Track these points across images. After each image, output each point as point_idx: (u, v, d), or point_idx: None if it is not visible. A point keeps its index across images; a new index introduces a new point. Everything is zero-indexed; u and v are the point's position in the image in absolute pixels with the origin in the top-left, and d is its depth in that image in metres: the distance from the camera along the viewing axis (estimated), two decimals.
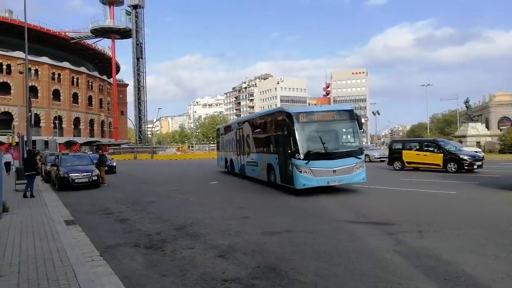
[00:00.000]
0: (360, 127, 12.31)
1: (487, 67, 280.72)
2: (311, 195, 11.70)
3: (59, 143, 49.60)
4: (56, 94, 63.00)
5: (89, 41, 75.94)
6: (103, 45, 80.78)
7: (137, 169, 32.16)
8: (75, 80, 67.07)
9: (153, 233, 7.41)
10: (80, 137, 66.82)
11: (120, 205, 11.45)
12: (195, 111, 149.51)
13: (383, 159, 28.22)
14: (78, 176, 16.01)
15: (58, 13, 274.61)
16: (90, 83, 71.51)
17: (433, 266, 5.01)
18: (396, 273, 4.78)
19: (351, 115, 12.34)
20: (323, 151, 11.51)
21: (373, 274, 4.77)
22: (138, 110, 76.47)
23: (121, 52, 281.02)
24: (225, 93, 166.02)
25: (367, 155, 26.06)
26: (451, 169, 18.52)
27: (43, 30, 63.06)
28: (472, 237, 6.52)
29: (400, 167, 20.98)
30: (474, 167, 18.34)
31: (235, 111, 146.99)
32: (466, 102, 40.09)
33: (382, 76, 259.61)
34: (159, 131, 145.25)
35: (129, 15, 73.94)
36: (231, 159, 20.19)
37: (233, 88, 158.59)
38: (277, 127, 13.09)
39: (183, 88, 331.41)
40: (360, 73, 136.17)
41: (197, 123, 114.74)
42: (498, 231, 6.87)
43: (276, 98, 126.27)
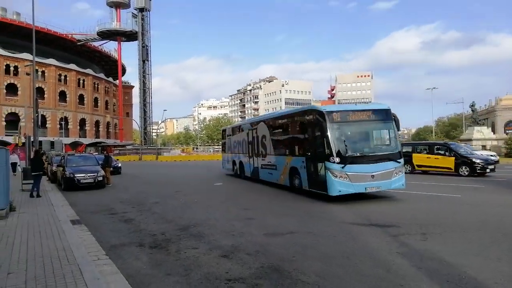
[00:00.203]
0: (398, 128, 11.40)
1: (492, 70, 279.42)
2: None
3: (65, 144, 50.04)
4: (62, 95, 63.65)
5: (96, 44, 76.79)
6: (109, 47, 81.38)
7: (142, 170, 32.31)
8: (81, 81, 67.73)
9: (157, 233, 7.47)
10: (85, 138, 67.41)
11: (125, 205, 11.55)
12: (200, 113, 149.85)
13: None
14: (83, 176, 16.17)
15: (65, 16, 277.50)
16: (96, 85, 72.11)
17: (436, 268, 5.02)
18: (398, 274, 4.80)
19: (388, 115, 11.36)
20: (361, 154, 10.66)
21: (376, 275, 4.80)
22: (143, 111, 77.03)
23: (127, 54, 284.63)
24: (230, 95, 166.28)
25: None
26: (463, 173, 18.34)
27: (50, 32, 63.74)
28: (476, 240, 6.52)
29: (410, 170, 20.38)
30: (486, 170, 18.22)
31: (239, 113, 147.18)
32: (471, 105, 39.95)
33: (387, 79, 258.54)
34: (164, 133, 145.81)
35: (135, 18, 74.69)
36: (240, 162, 19.40)
37: (238, 90, 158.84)
38: (305, 127, 12.03)
39: (188, 90, 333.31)
40: (365, 76, 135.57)
41: (202, 125, 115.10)
42: (502, 234, 6.87)
43: (280, 100, 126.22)
